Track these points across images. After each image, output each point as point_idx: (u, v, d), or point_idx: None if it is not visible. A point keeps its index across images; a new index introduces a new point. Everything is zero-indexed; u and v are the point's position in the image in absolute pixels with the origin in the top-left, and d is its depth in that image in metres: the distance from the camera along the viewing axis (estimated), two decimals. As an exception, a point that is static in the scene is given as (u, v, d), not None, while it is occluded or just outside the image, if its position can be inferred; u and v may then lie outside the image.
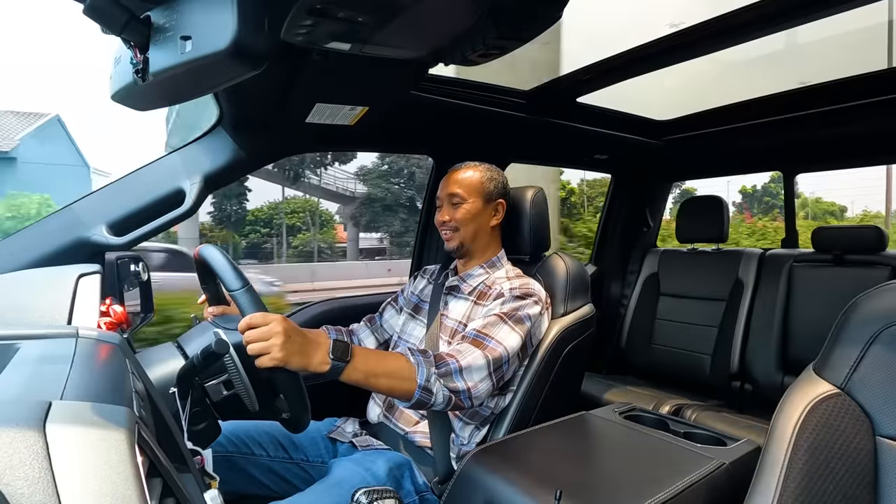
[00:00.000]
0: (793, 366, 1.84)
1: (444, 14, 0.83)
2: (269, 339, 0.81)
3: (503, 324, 1.08)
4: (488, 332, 1.07)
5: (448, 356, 1.02)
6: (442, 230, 1.26)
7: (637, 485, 0.85)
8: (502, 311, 1.10)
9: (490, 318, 1.09)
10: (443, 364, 1.00)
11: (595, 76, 1.47)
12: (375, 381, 0.94)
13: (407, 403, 0.99)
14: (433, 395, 0.97)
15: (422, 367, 0.97)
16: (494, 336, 1.06)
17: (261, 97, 1.13)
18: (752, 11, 1.10)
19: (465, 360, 1.01)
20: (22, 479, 0.29)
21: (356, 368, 0.92)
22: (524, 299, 1.13)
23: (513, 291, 1.14)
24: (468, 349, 1.04)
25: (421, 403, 0.98)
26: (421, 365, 0.97)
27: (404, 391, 0.96)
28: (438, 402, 0.98)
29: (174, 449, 0.56)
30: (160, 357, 0.85)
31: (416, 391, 0.95)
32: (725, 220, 2.12)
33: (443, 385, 0.98)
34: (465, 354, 1.02)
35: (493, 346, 1.04)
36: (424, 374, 0.96)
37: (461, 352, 1.03)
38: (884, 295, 0.65)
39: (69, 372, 0.44)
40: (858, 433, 0.62)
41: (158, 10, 0.60)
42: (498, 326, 1.08)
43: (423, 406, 0.99)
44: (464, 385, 1.00)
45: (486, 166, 1.28)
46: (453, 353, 1.02)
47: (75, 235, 1.08)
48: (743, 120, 1.83)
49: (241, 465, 1.11)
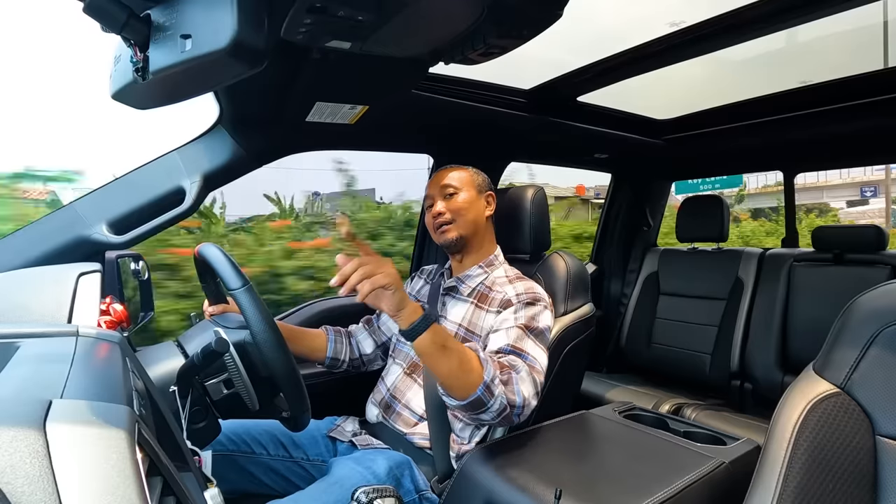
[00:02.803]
0: (793, 365, 1.85)
1: (445, 13, 0.83)
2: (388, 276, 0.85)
3: (527, 338, 1.05)
4: (522, 346, 1.03)
5: (503, 364, 0.98)
6: (436, 223, 1.21)
7: (637, 484, 0.85)
8: (522, 324, 1.06)
9: (512, 330, 1.05)
10: (505, 372, 0.96)
11: (595, 75, 1.47)
12: (447, 357, 0.89)
13: (462, 401, 0.92)
14: (493, 399, 0.91)
15: (489, 366, 0.93)
16: (529, 352, 1.03)
17: (261, 96, 1.12)
18: (752, 11, 1.10)
19: (521, 374, 0.98)
20: (22, 477, 0.29)
21: (438, 332, 0.89)
22: (535, 305, 1.10)
23: (519, 297, 1.11)
24: (516, 360, 1.00)
25: (477, 404, 0.91)
26: (488, 363, 0.93)
27: (468, 382, 0.91)
28: (494, 408, 0.92)
29: (174, 448, 0.56)
30: (160, 356, 0.85)
31: (479, 387, 0.90)
32: (725, 220, 2.12)
33: (503, 392, 0.93)
34: (518, 368, 0.98)
35: (532, 362, 1.01)
36: (490, 373, 0.92)
37: (514, 365, 0.99)
38: (884, 294, 0.65)
39: (69, 370, 0.44)
40: (858, 432, 0.62)
41: (158, 9, 0.60)
42: (525, 341, 1.04)
43: (478, 408, 0.92)
44: (521, 398, 0.95)
45: (471, 167, 1.28)
46: (508, 364, 0.98)
47: (75, 234, 1.08)
48: (743, 119, 1.83)
49: (241, 463, 1.11)
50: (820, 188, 20.14)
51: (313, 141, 1.42)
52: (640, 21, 1.28)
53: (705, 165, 2.42)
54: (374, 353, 1.36)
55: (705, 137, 2.00)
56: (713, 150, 2.13)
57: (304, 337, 1.29)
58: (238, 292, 0.81)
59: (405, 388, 1.18)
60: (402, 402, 1.17)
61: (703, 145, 2.07)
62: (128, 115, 3.25)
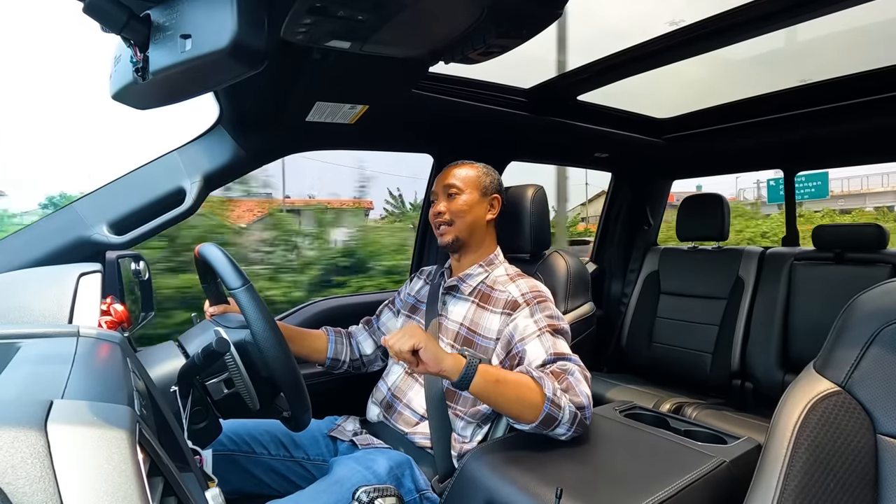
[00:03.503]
0: (793, 364, 1.85)
1: (445, 12, 0.83)
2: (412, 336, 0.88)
3: (560, 340, 1.05)
4: (562, 351, 1.03)
5: (558, 372, 0.98)
6: (436, 223, 1.23)
7: (637, 483, 0.85)
8: (548, 328, 1.06)
9: (545, 338, 1.04)
10: (562, 379, 0.96)
11: (595, 74, 1.47)
12: (505, 389, 0.91)
13: (535, 423, 0.92)
14: (561, 410, 0.92)
15: (545, 381, 0.93)
16: (569, 353, 1.03)
17: (261, 96, 1.12)
18: (752, 9, 1.10)
19: (575, 375, 0.98)
20: (23, 477, 0.29)
21: (487, 371, 0.90)
22: (546, 303, 1.11)
23: (525, 297, 1.11)
24: (566, 364, 1.00)
25: (549, 420, 0.92)
26: (544, 378, 0.93)
27: (532, 404, 0.91)
28: (566, 419, 0.93)
29: (175, 448, 0.56)
30: (161, 356, 0.85)
31: (545, 404, 0.91)
32: (726, 219, 2.12)
33: (568, 401, 0.93)
34: (570, 370, 0.99)
35: (577, 362, 1.02)
36: (550, 387, 0.92)
37: (566, 369, 0.99)
38: (884, 293, 0.65)
39: (70, 371, 0.44)
40: (859, 431, 0.62)
41: (158, 9, 0.60)
42: (560, 344, 1.04)
43: (550, 424, 0.93)
44: (585, 398, 0.95)
45: (483, 165, 1.27)
46: (561, 371, 0.99)
47: (76, 234, 1.09)
48: (743, 118, 1.83)
49: (242, 463, 1.11)
50: (863, 195, 20.02)
51: (313, 141, 1.42)
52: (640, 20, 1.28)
53: (706, 164, 2.41)
54: (374, 353, 1.36)
55: (706, 136, 2.00)
56: (714, 148, 2.13)
57: (305, 338, 1.29)
58: (238, 291, 0.81)
59: (406, 388, 1.18)
60: (404, 402, 1.17)
61: (704, 144, 2.07)
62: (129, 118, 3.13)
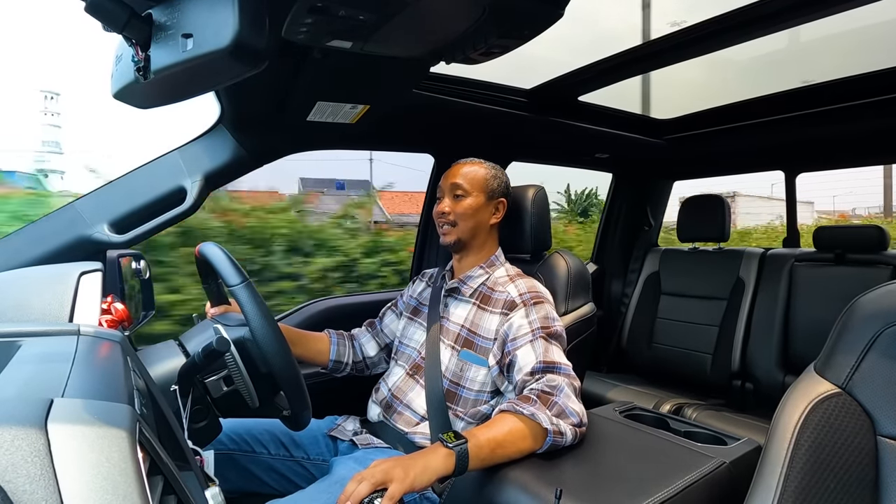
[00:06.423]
0: (794, 365, 1.84)
1: (446, 12, 0.83)
2: (378, 477, 0.77)
3: (552, 345, 1.05)
4: (552, 358, 1.03)
5: (545, 394, 0.98)
6: (439, 222, 1.23)
7: (637, 484, 0.85)
8: (540, 330, 1.06)
9: (537, 343, 1.05)
10: (551, 404, 0.96)
11: (596, 75, 1.47)
12: (503, 451, 0.89)
13: (542, 451, 0.94)
14: (564, 436, 0.93)
15: (538, 415, 0.92)
16: (559, 360, 1.03)
17: (262, 95, 1.12)
18: (753, 10, 1.10)
19: (564, 391, 0.98)
20: (24, 476, 0.29)
21: (479, 445, 0.86)
22: (542, 304, 1.11)
23: (522, 297, 1.11)
24: (554, 380, 1.00)
25: (555, 446, 0.94)
26: (535, 414, 0.92)
27: (536, 440, 0.92)
28: (569, 439, 0.94)
29: (175, 447, 0.56)
30: (161, 355, 0.85)
31: (546, 437, 0.92)
32: (727, 220, 2.12)
33: (566, 425, 0.94)
34: (558, 387, 0.99)
35: (566, 372, 1.02)
36: (546, 420, 0.92)
37: (554, 387, 0.99)
38: (885, 294, 0.65)
39: (70, 370, 0.44)
40: (859, 433, 0.62)
41: (160, 8, 0.60)
42: (551, 350, 1.04)
43: (556, 447, 0.95)
44: (577, 417, 0.96)
45: (491, 164, 1.27)
46: (549, 391, 0.98)
47: (77, 233, 1.09)
48: (745, 119, 1.83)
49: (242, 462, 1.11)
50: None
51: (314, 140, 1.42)
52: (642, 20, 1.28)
53: (707, 165, 2.41)
54: (377, 355, 1.36)
55: (707, 137, 1.99)
56: (714, 149, 2.13)
57: (308, 340, 1.29)
58: (237, 288, 0.81)
59: (407, 389, 1.18)
60: (404, 402, 1.17)
61: (705, 145, 2.07)
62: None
